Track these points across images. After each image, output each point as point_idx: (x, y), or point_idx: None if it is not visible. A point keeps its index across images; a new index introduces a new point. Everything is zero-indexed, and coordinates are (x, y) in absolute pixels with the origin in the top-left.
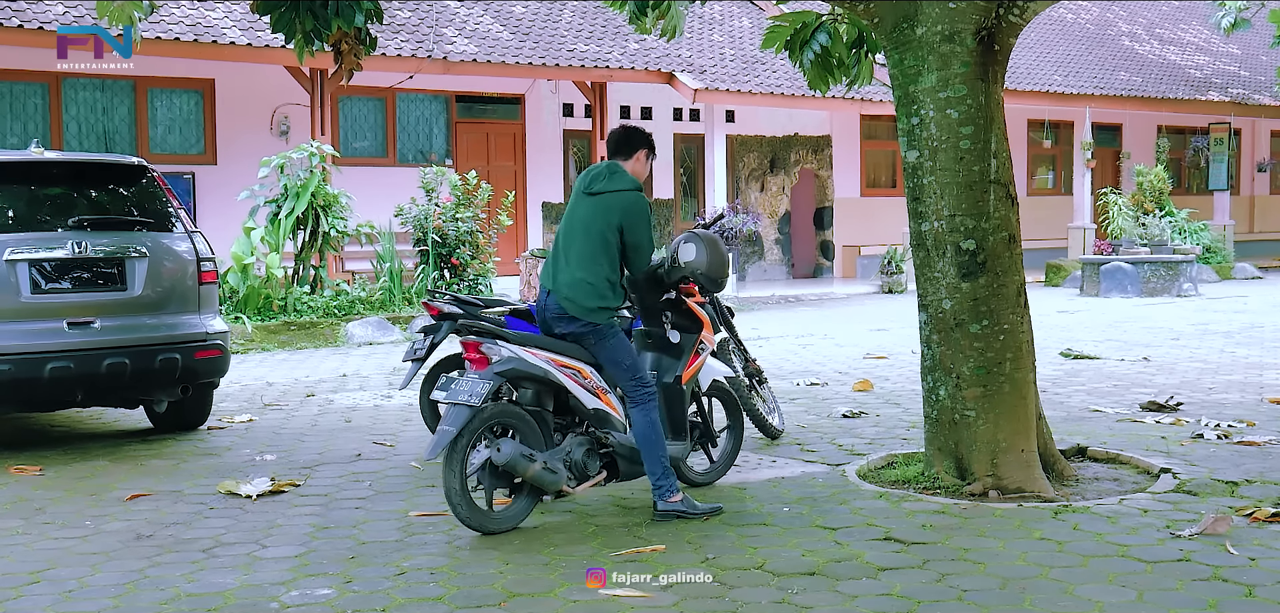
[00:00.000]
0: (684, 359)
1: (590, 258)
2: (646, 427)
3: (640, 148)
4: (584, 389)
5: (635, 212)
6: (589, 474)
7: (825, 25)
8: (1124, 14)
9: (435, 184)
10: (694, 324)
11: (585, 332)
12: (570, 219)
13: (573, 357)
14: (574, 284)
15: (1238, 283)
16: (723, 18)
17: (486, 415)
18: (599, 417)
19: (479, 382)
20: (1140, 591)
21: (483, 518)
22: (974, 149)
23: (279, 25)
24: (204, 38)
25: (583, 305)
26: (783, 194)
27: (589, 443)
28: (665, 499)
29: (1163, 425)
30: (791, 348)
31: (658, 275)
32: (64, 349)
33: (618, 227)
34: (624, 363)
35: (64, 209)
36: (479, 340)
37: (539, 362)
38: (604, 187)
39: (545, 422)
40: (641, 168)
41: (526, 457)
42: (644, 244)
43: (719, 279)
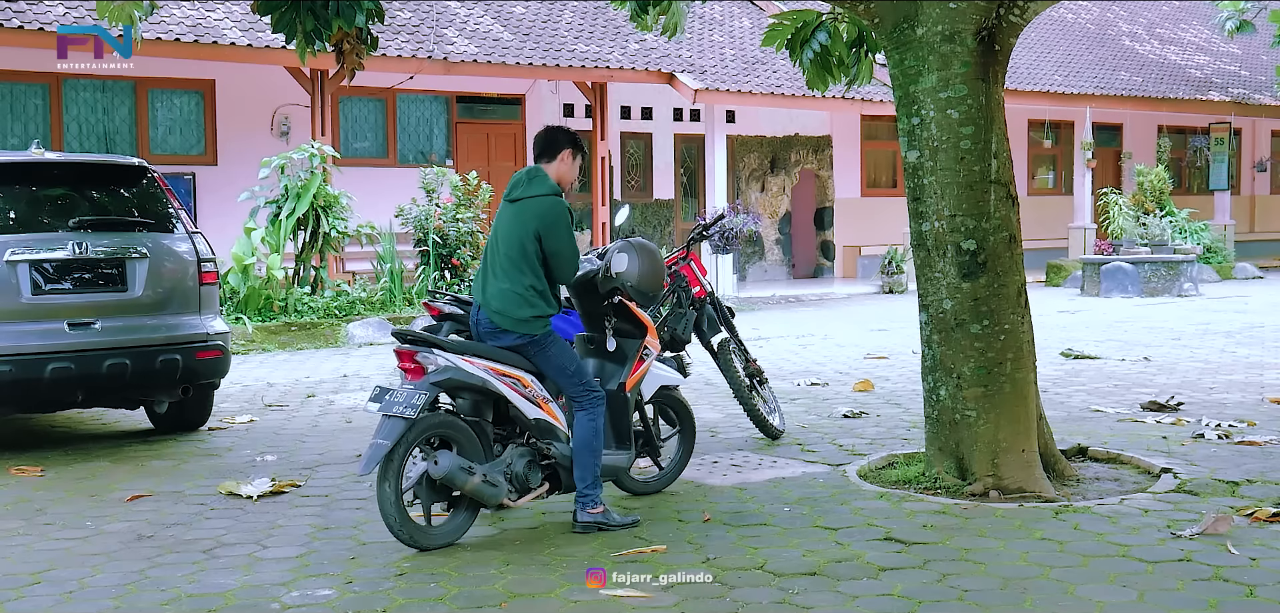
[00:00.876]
0: (627, 366)
1: (513, 268)
2: (588, 433)
3: (564, 148)
4: (525, 399)
5: (551, 218)
6: (531, 487)
7: (825, 25)
8: (1124, 14)
9: (436, 185)
10: (638, 329)
11: (523, 343)
12: (495, 229)
13: (513, 365)
14: (501, 296)
15: (1238, 283)
16: (723, 18)
17: (423, 427)
18: (541, 428)
19: (415, 392)
20: (1141, 591)
21: (419, 534)
22: (974, 149)
23: (280, 25)
24: (204, 38)
25: (513, 317)
26: (783, 194)
27: (530, 455)
28: (587, 510)
29: (1163, 425)
30: (792, 348)
31: (592, 283)
32: (65, 350)
33: (535, 234)
34: (568, 368)
35: (65, 210)
36: (415, 349)
37: (477, 371)
38: (522, 193)
39: (484, 433)
40: (568, 170)
41: (466, 470)
42: (564, 251)
43: (651, 293)
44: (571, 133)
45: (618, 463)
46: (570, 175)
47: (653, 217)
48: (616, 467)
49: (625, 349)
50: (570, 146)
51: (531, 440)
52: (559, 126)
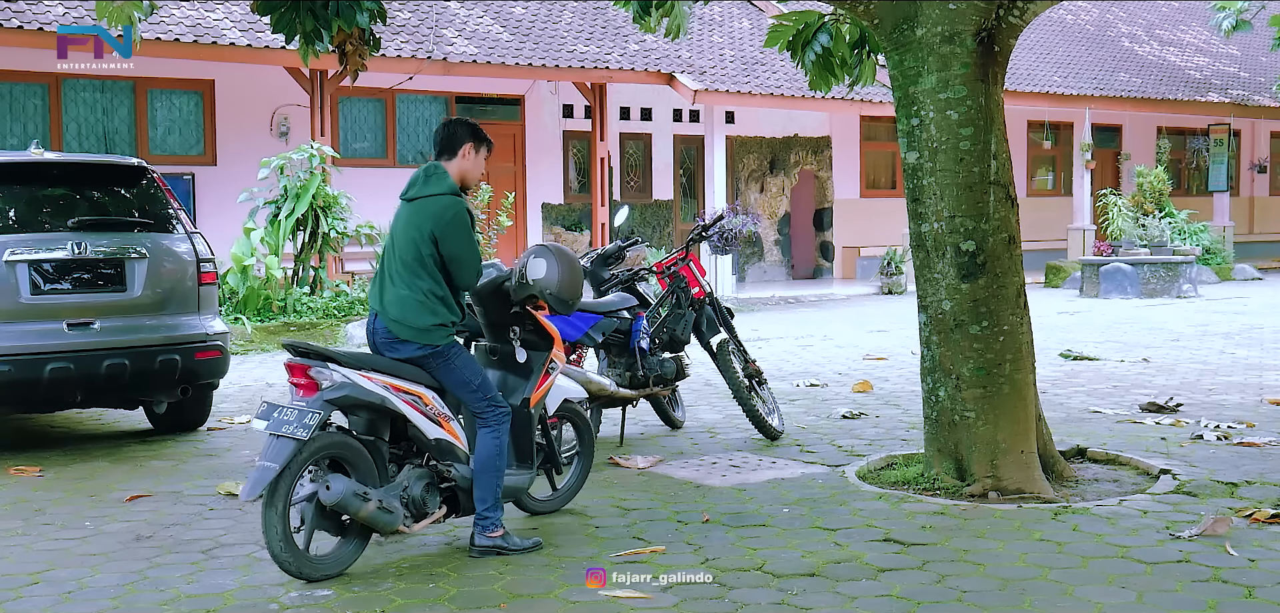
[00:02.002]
0: (533, 379)
1: (410, 273)
2: (491, 451)
3: (465, 142)
4: (425, 418)
5: (449, 219)
6: (428, 511)
7: (827, 26)
8: (1124, 15)
9: None
10: (544, 341)
11: (423, 355)
12: (392, 231)
13: (413, 380)
14: (399, 303)
15: (1237, 284)
16: (723, 19)
17: (314, 449)
18: (441, 448)
19: (307, 411)
20: (1140, 592)
21: (306, 564)
22: (974, 150)
23: (279, 26)
24: (204, 39)
25: (412, 326)
26: (782, 195)
27: (429, 477)
28: (486, 533)
29: (1162, 427)
30: (791, 349)
31: (503, 290)
32: (64, 350)
33: (430, 236)
34: (473, 382)
35: (64, 210)
36: (307, 363)
37: (375, 387)
38: (418, 192)
39: (380, 453)
40: (470, 165)
41: (360, 496)
42: (463, 255)
43: (571, 300)
44: (472, 125)
45: (518, 483)
46: (474, 171)
47: (652, 217)
48: (517, 488)
49: (531, 362)
50: (472, 140)
51: (430, 461)
52: (459, 119)
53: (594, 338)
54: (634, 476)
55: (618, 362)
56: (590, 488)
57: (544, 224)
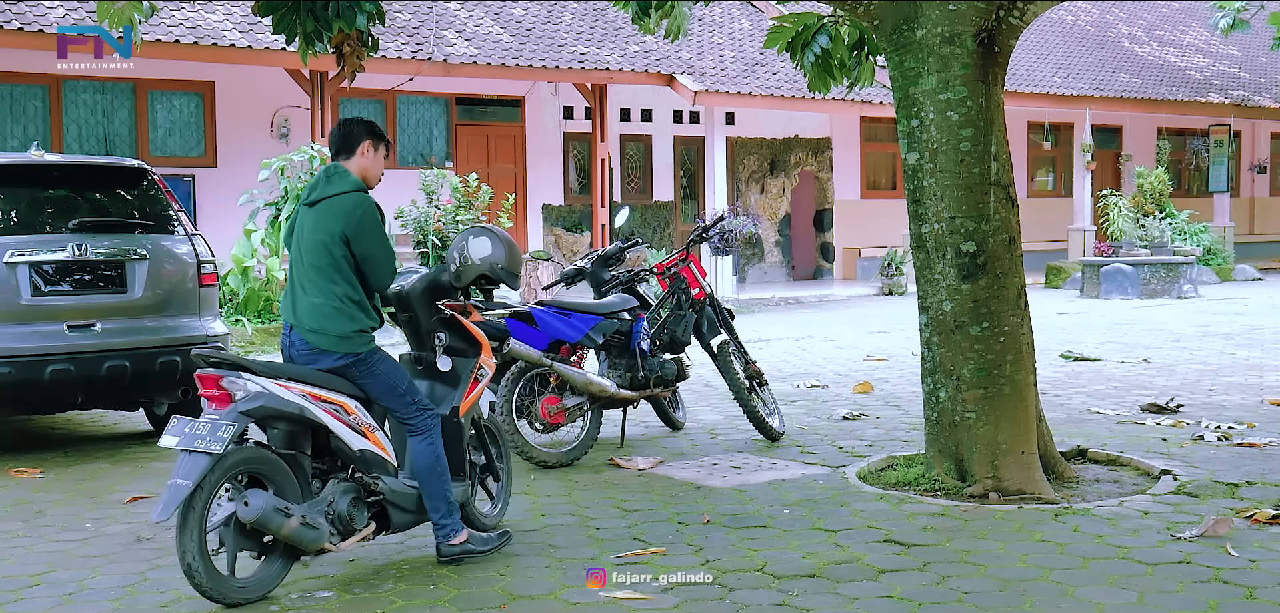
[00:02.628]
0: (461, 388)
1: (322, 278)
2: (430, 457)
3: (363, 140)
4: (348, 428)
5: (359, 216)
6: (356, 527)
7: (826, 27)
8: (1124, 16)
9: (435, 186)
10: (472, 347)
11: (345, 364)
12: (297, 239)
13: (335, 389)
14: (314, 312)
15: (1238, 285)
16: (723, 20)
17: (231, 464)
18: (367, 460)
19: (221, 424)
20: (1141, 593)
21: (227, 588)
22: (974, 151)
23: (280, 27)
24: (204, 40)
25: (332, 335)
26: (783, 196)
27: (355, 491)
28: (450, 540)
29: (1163, 427)
30: (791, 350)
31: (441, 284)
32: (64, 352)
33: (341, 237)
34: (399, 388)
35: (64, 212)
36: (219, 373)
37: (293, 397)
38: (322, 193)
39: (302, 467)
40: (371, 164)
41: (281, 512)
42: (377, 255)
43: (518, 273)
44: (369, 123)
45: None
46: (374, 170)
47: (652, 218)
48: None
49: (459, 369)
50: (369, 137)
51: (356, 475)
52: (354, 118)
53: (594, 339)
54: (634, 477)
55: (618, 363)
56: (591, 489)
57: (544, 226)
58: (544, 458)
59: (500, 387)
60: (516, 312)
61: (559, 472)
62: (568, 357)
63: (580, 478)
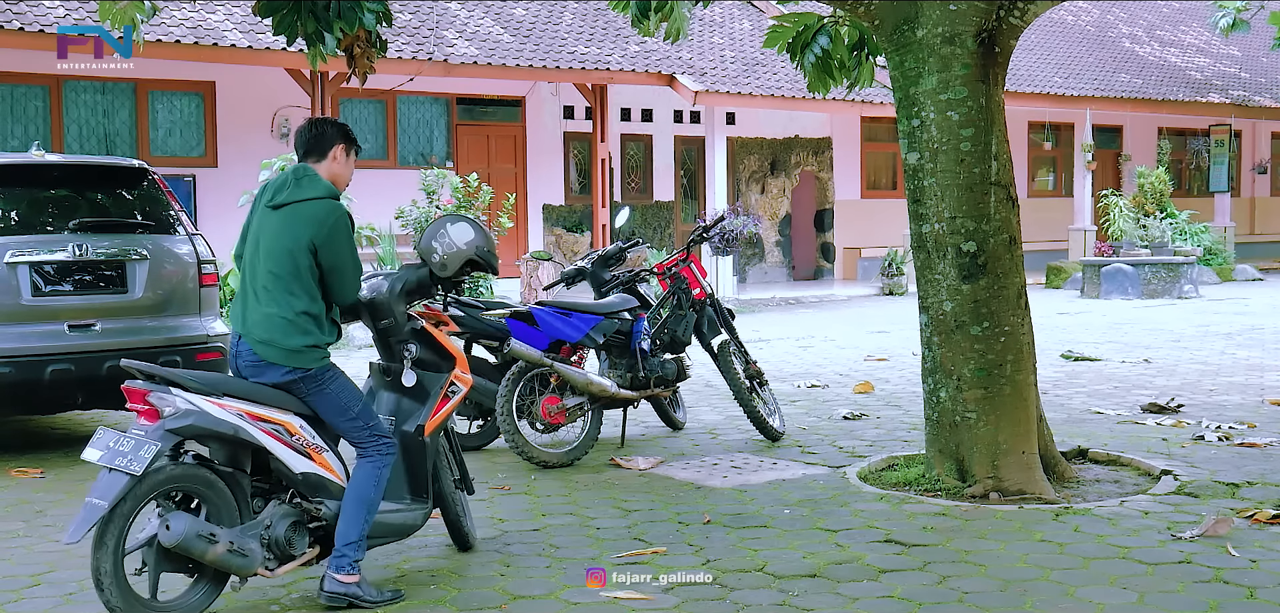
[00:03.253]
0: (429, 405)
1: (281, 288)
2: (366, 484)
3: (335, 144)
4: (290, 448)
5: (331, 225)
6: (294, 553)
7: (826, 28)
8: (1124, 16)
9: (436, 186)
10: (445, 360)
11: (293, 379)
12: (254, 243)
13: (279, 407)
14: (266, 323)
15: (1238, 285)
16: (723, 20)
17: (157, 482)
18: (309, 483)
19: (144, 441)
20: (1141, 593)
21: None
22: (975, 151)
23: (281, 28)
24: (205, 40)
25: (281, 348)
26: (783, 196)
27: (296, 514)
28: (338, 575)
29: (1164, 427)
30: (792, 350)
31: (421, 283)
32: (65, 352)
33: (308, 245)
34: (351, 409)
35: (65, 212)
36: (147, 388)
37: (227, 416)
38: (289, 196)
39: (241, 486)
40: (341, 169)
41: (206, 537)
42: (345, 266)
43: (496, 256)
44: (342, 125)
45: (409, 521)
46: (345, 175)
47: (653, 218)
48: (407, 525)
49: (426, 385)
50: (343, 141)
51: (295, 498)
52: (326, 119)
53: (595, 339)
54: (635, 477)
55: (619, 363)
56: (591, 489)
57: (545, 226)
58: (544, 458)
59: (501, 386)
60: (517, 311)
61: (559, 472)
62: (568, 357)
63: (581, 478)
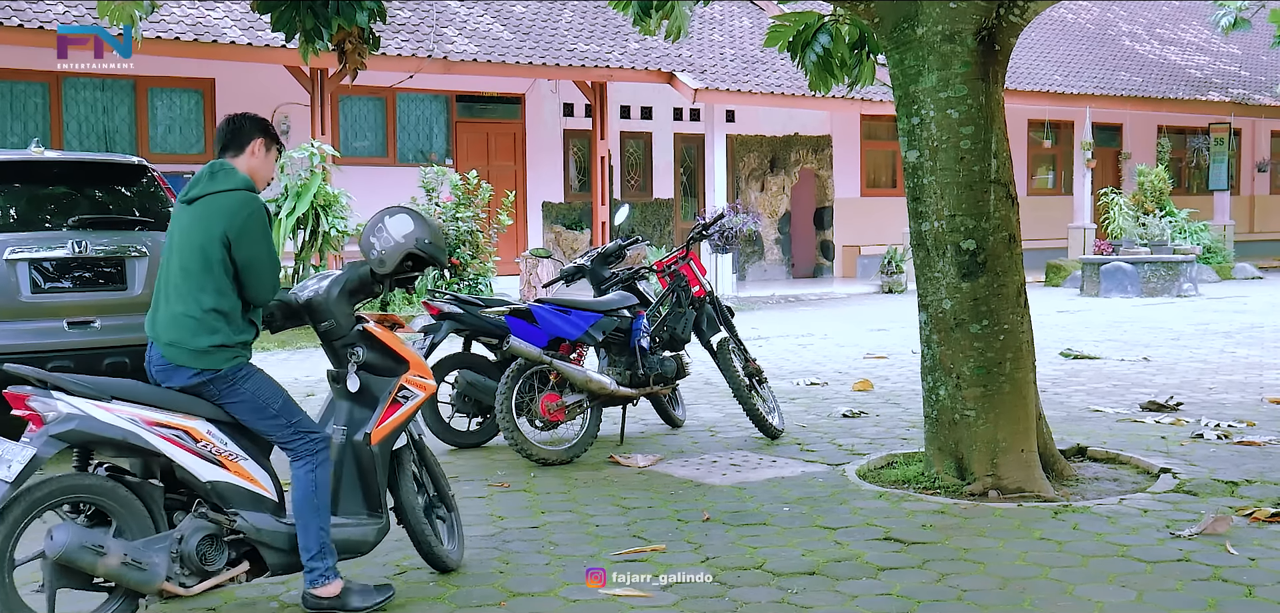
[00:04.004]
0: (377, 411)
1: (191, 285)
2: (306, 486)
3: (254, 138)
4: (195, 457)
5: (245, 217)
6: (210, 568)
7: (827, 26)
8: (1124, 14)
9: (435, 184)
10: (396, 364)
11: (203, 382)
12: (169, 241)
13: (185, 411)
14: (173, 324)
15: (1238, 283)
16: (723, 17)
17: (48, 492)
18: (221, 492)
19: (22, 449)
20: (1140, 591)
21: None
22: (974, 149)
23: (279, 24)
24: (204, 37)
25: (188, 349)
26: (783, 194)
27: (211, 528)
28: (317, 587)
29: (1163, 425)
30: (791, 348)
31: (362, 281)
32: (64, 348)
33: (221, 239)
34: (271, 407)
35: (64, 209)
36: (29, 392)
37: (117, 421)
38: (203, 190)
39: (154, 498)
40: (261, 165)
41: (93, 549)
42: (261, 261)
43: (443, 248)
44: (262, 120)
45: (360, 537)
46: (264, 171)
47: (652, 216)
48: (359, 541)
49: (375, 390)
50: (262, 136)
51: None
52: (245, 114)
53: (594, 337)
54: (634, 474)
55: (618, 360)
56: (591, 486)
57: (544, 223)
58: (544, 455)
59: (500, 383)
60: (516, 309)
61: (558, 469)
62: (567, 354)
63: (580, 476)
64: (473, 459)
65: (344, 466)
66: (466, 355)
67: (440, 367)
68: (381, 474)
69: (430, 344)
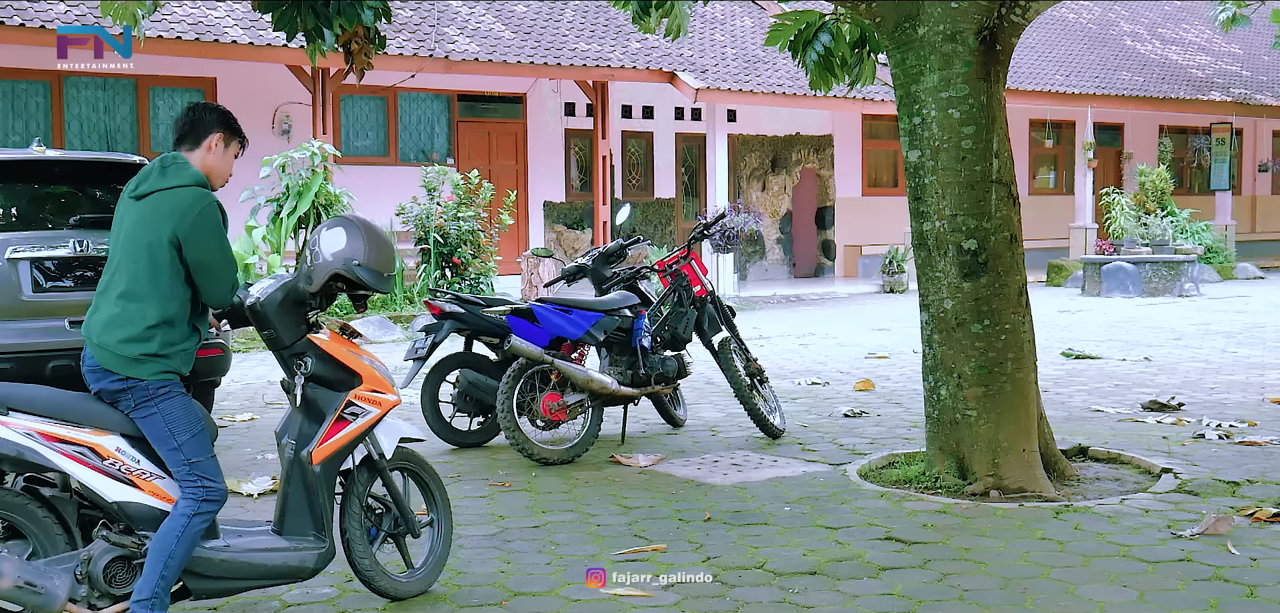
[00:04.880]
0: (322, 428)
1: (134, 285)
2: (174, 526)
3: (212, 132)
4: (100, 474)
5: (196, 215)
6: (118, 592)
7: (828, 26)
8: (1126, 14)
9: (437, 183)
10: (347, 377)
11: (122, 389)
12: (113, 238)
13: (95, 425)
14: (107, 324)
15: (1239, 283)
16: (724, 17)
17: None
18: (130, 513)
19: None
20: (1141, 591)
21: None
22: (976, 149)
23: (280, 24)
24: (206, 36)
25: (114, 353)
26: (784, 193)
27: (121, 549)
28: None
29: (1164, 425)
30: (793, 348)
31: (299, 293)
32: (65, 347)
33: (170, 240)
34: (174, 437)
35: (66, 208)
36: None
37: (10, 435)
38: (153, 186)
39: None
40: (218, 161)
41: None
42: (214, 262)
43: (386, 273)
44: (224, 112)
45: (298, 562)
46: (221, 169)
47: (654, 215)
48: (297, 567)
49: (321, 405)
50: (221, 130)
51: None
52: (205, 104)
53: (595, 336)
54: (635, 474)
55: (619, 360)
56: (592, 486)
57: (545, 223)
58: (545, 455)
59: (502, 383)
60: (518, 308)
61: (560, 469)
62: (569, 354)
63: (581, 475)
64: (474, 459)
65: (290, 483)
66: (468, 355)
67: (442, 366)
68: (324, 496)
69: (431, 344)
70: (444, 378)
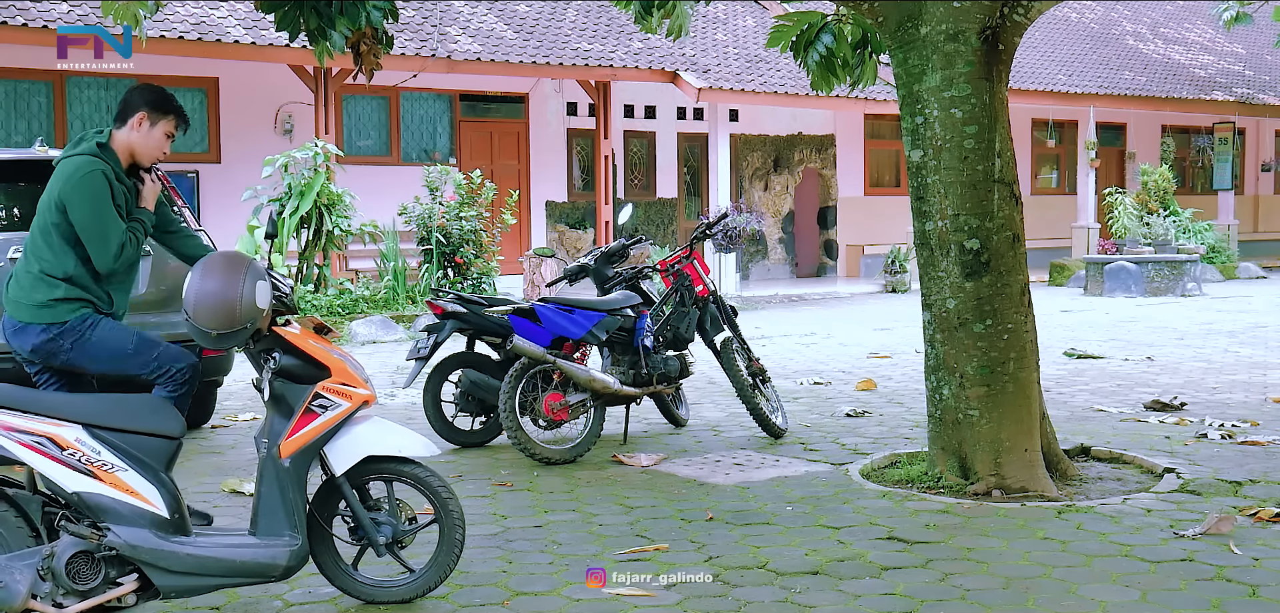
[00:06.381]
0: (290, 421)
1: (32, 246)
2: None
3: (138, 111)
4: (59, 465)
5: (76, 181)
6: (81, 588)
7: (830, 26)
8: (1128, 13)
9: (439, 183)
10: (316, 371)
11: (49, 339)
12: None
13: (54, 415)
14: (15, 283)
15: (1242, 283)
16: (727, 17)
17: None
18: (92, 504)
19: None
20: (1144, 591)
21: None
22: (978, 148)
23: (283, 24)
24: (208, 36)
25: (27, 304)
26: (786, 193)
27: (85, 544)
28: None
29: (1166, 425)
30: (795, 347)
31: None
32: None
33: (56, 202)
34: (124, 349)
35: None
36: None
37: None
38: (62, 154)
39: (30, 512)
40: (142, 140)
41: None
42: (89, 227)
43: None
44: (157, 91)
45: (268, 559)
46: (147, 147)
47: (656, 215)
48: (267, 565)
49: (289, 399)
50: (146, 110)
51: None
52: (146, 86)
53: (598, 336)
54: (637, 473)
55: (621, 360)
56: (594, 485)
57: (548, 223)
58: (547, 455)
59: (504, 383)
60: (520, 308)
61: (562, 468)
62: (571, 353)
63: (583, 475)
64: (476, 458)
65: (263, 481)
66: (470, 355)
67: (444, 366)
68: (294, 492)
69: (433, 343)
70: (446, 378)
